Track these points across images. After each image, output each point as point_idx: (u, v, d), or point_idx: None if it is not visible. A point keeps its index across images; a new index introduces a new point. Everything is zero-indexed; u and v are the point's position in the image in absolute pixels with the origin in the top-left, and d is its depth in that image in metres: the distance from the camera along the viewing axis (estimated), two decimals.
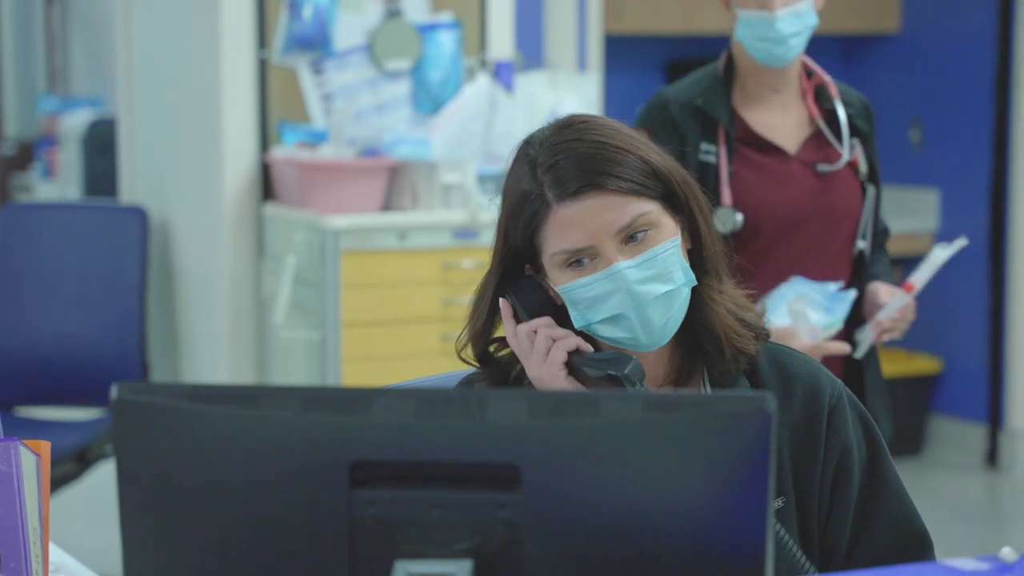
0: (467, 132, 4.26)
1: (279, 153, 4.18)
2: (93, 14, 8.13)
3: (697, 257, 1.72)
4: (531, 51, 5.30)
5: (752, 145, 2.79)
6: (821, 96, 2.84)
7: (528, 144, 1.72)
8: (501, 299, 1.71)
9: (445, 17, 4.37)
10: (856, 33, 6.59)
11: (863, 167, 2.82)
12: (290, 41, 4.19)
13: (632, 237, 1.65)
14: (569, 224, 1.64)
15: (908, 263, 6.41)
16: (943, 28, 6.26)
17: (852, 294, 2.76)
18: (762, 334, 1.74)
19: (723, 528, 1.20)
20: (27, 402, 4.31)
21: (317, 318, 3.95)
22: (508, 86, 4.38)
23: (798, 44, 2.74)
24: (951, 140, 6.19)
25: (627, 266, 1.65)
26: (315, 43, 4.21)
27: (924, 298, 2.92)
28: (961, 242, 2.80)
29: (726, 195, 2.74)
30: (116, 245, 4.35)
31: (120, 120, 4.95)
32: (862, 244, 2.83)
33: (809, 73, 2.86)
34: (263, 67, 4.24)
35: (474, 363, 1.76)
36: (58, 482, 3.94)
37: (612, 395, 1.20)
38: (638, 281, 1.65)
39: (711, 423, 1.20)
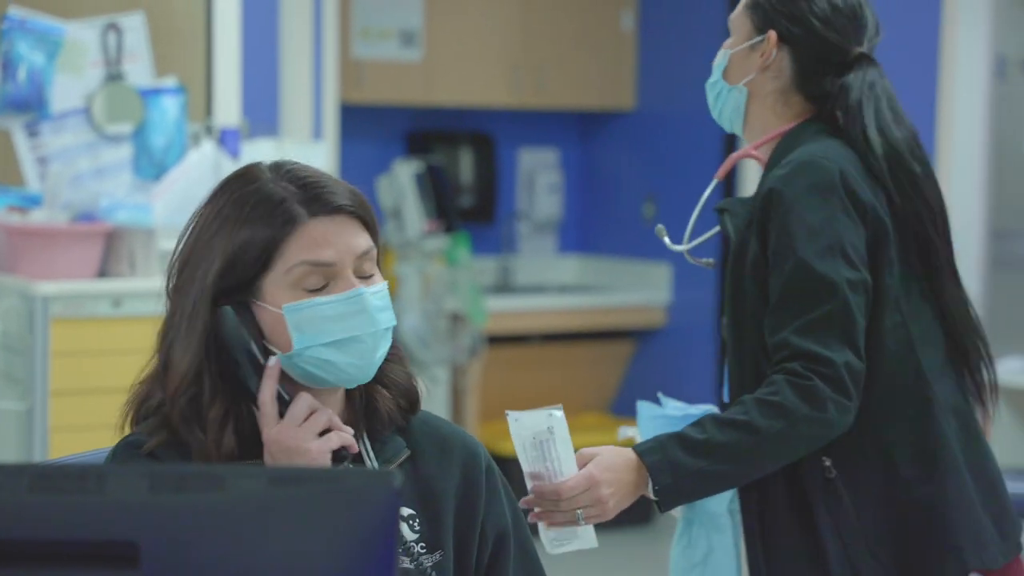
0: (190, 198, 4.15)
1: None
2: None
3: None
4: (266, 119, 5.26)
5: None
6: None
7: (248, 171, 1.71)
8: (272, 357, 1.67)
9: (169, 82, 4.30)
10: (593, 109, 6.75)
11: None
12: (3, 102, 4.06)
13: (364, 272, 1.69)
14: (320, 239, 1.66)
15: (642, 336, 6.57)
16: (675, 105, 6.47)
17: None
18: (413, 390, 1.78)
19: None
20: None
21: (25, 387, 3.82)
22: (234, 153, 4.33)
23: (717, 114, 2.40)
24: (683, 214, 6.36)
25: (370, 292, 1.67)
26: (30, 105, 4.09)
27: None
28: (633, 431, 2.28)
29: None
30: None
31: None
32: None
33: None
34: None
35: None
36: None
37: (237, 470, 1.19)
38: (378, 308, 1.68)
39: (337, 498, 1.19)
